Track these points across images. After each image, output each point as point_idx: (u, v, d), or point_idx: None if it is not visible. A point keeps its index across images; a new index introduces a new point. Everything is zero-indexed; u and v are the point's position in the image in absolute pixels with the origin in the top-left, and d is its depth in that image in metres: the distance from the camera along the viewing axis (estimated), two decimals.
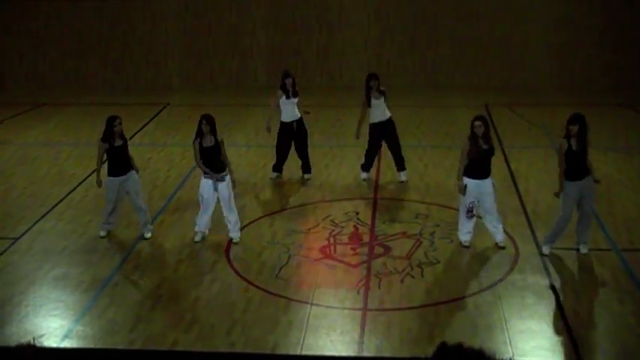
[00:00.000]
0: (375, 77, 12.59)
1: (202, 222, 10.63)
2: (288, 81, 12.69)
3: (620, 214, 11.42)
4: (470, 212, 10.19)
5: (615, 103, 17.88)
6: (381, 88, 12.56)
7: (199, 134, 10.38)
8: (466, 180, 10.09)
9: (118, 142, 10.55)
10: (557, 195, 10.00)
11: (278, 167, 13.15)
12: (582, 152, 9.74)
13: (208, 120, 10.36)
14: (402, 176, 12.91)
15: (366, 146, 12.91)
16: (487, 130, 10.07)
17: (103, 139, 10.54)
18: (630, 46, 19.41)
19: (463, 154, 10.13)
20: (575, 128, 9.66)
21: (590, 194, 9.87)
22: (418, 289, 9.29)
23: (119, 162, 10.58)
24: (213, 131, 10.38)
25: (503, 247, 10.27)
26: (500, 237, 10.31)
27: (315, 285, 9.44)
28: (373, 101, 12.50)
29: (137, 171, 10.79)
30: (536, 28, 19.77)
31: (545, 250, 10.12)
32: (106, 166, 10.68)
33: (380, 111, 12.55)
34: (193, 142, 10.46)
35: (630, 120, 16.73)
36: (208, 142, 10.37)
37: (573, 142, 9.72)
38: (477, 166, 10.04)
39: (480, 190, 10.07)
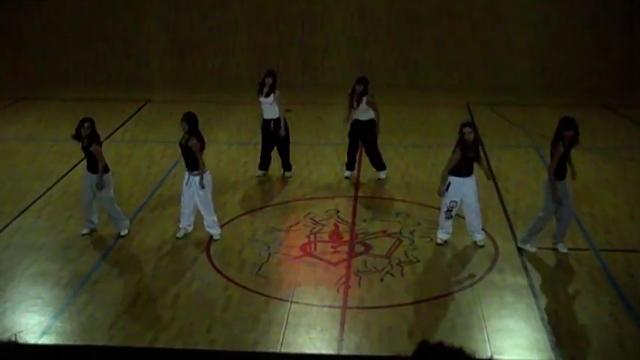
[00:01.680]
0: (359, 81, 12.58)
1: (183, 218, 10.63)
2: (268, 80, 12.66)
3: (599, 215, 11.52)
4: (449, 212, 10.26)
5: (596, 104, 18.00)
6: (371, 99, 12.51)
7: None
8: (450, 178, 10.12)
9: (85, 143, 10.50)
10: (558, 202, 9.80)
11: (262, 165, 13.13)
12: (567, 154, 9.87)
13: (184, 118, 10.35)
14: (382, 174, 12.93)
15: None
16: (476, 137, 10.19)
17: (74, 137, 10.54)
18: (612, 47, 19.55)
19: (451, 161, 10.09)
20: (570, 134, 9.72)
21: (568, 195, 9.97)
22: (398, 288, 9.32)
23: (91, 161, 10.52)
24: (191, 131, 10.33)
25: (482, 246, 10.33)
26: (479, 236, 10.38)
27: (295, 283, 9.46)
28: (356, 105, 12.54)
29: (101, 174, 10.44)
30: (518, 29, 19.85)
31: (530, 247, 10.20)
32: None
33: (360, 112, 12.57)
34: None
35: (609, 121, 16.85)
36: (184, 140, 10.37)
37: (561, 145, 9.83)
38: (462, 167, 10.09)
39: (465, 187, 10.13)
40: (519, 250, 10.26)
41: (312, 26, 20.19)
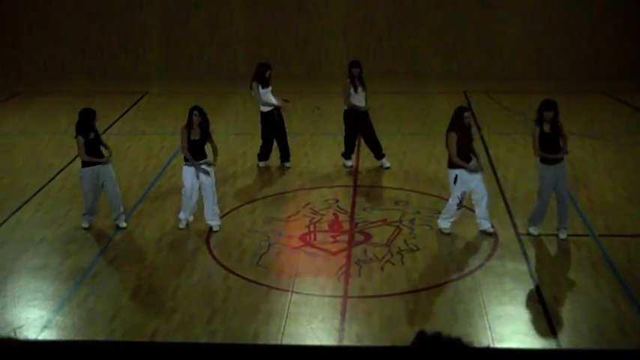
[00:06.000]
0: (358, 65, 12.60)
1: (186, 210, 10.63)
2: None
3: (597, 200, 11.53)
4: (460, 203, 10.24)
5: (593, 90, 17.97)
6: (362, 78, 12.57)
7: (189, 124, 10.37)
8: (457, 172, 10.06)
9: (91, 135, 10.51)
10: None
11: (262, 156, 13.16)
12: (556, 136, 9.92)
13: (200, 112, 10.35)
14: (385, 163, 12.90)
15: (344, 134, 12.97)
16: (469, 124, 10.21)
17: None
18: (608, 33, 19.51)
19: (453, 145, 10.01)
20: (550, 114, 9.83)
21: (563, 178, 9.99)
22: (398, 276, 9.33)
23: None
24: (204, 124, 10.34)
25: (491, 234, 10.28)
26: (488, 224, 10.32)
27: (296, 273, 9.46)
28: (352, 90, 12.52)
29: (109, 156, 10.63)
30: (515, 16, 19.81)
31: (533, 230, 10.23)
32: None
33: (359, 97, 12.60)
34: (182, 129, 10.43)
35: (607, 106, 16.84)
36: (195, 135, 10.36)
37: (546, 126, 9.90)
38: (466, 154, 10.10)
39: (471, 178, 10.11)
40: (519, 236, 10.27)
41: (308, 15, 20.13)
